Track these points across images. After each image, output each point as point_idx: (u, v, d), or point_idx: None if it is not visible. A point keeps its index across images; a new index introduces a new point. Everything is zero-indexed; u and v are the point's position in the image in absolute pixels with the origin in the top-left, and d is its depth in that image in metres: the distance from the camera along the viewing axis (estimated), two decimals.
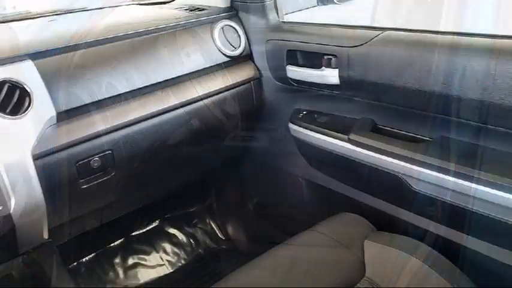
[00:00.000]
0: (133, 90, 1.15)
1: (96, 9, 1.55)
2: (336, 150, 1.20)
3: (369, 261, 1.01)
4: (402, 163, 1.04)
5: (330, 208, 1.28)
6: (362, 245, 1.05)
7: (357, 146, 1.13)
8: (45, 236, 1.13)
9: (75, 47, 1.11)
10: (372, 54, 1.06)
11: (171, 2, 1.57)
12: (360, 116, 1.20)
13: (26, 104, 0.99)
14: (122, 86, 1.13)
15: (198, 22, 1.32)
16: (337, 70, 1.15)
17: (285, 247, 1.09)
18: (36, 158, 0.99)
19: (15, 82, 0.99)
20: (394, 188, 1.10)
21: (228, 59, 1.33)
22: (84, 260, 1.67)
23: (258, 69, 1.39)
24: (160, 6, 1.53)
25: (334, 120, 1.25)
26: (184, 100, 1.23)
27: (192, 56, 1.27)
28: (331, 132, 1.21)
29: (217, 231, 1.92)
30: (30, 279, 1.10)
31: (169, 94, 1.22)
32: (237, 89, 1.35)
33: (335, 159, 1.22)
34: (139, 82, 1.16)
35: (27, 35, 1.24)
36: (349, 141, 1.15)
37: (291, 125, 1.34)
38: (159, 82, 1.20)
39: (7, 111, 0.97)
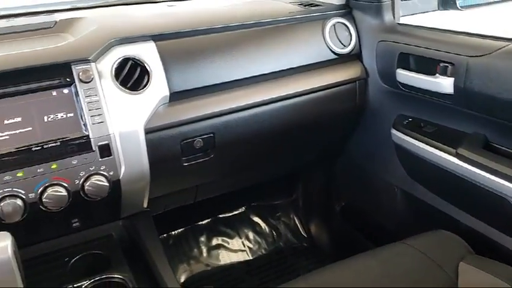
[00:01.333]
0: (241, 79, 1.19)
1: None
2: (440, 163, 1.14)
3: (462, 285, 0.95)
4: None
5: (424, 223, 1.22)
6: (457, 266, 0.98)
7: (465, 162, 1.06)
8: (145, 205, 1.22)
9: (193, 33, 1.17)
10: (494, 66, 0.99)
11: None
12: (471, 131, 1.12)
13: (145, 81, 1.07)
14: (231, 74, 1.18)
15: (310, 17, 1.32)
16: (452, 79, 1.08)
17: (371, 255, 1.06)
18: (147, 132, 1.06)
19: (138, 60, 1.07)
20: (501, 211, 1.02)
21: (336, 56, 1.32)
22: (173, 233, 1.77)
23: (365, 69, 1.36)
24: None
25: (442, 132, 1.18)
26: (287, 93, 1.24)
27: (300, 51, 1.28)
28: (438, 143, 1.14)
29: (299, 227, 1.92)
30: (127, 242, 1.20)
31: (274, 86, 1.24)
32: (341, 87, 1.33)
33: (438, 172, 1.15)
34: (247, 72, 1.20)
35: (150, 17, 1.33)
36: (457, 156, 1.08)
37: (393, 131, 1.30)
38: (266, 73, 1.22)
39: (127, 86, 1.05)
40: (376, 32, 1.31)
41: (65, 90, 0.98)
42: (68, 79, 0.98)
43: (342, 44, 1.33)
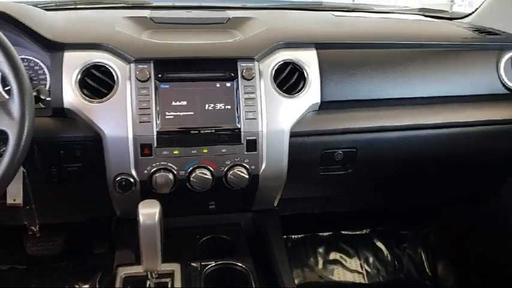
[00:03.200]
0: (397, 98, 1.15)
1: (381, 12, 1.59)
2: None
3: None
4: None
5: None
6: None
7: None
8: (275, 203, 1.25)
9: (355, 45, 1.17)
10: None
11: (461, 18, 1.49)
12: None
13: (300, 86, 1.10)
14: (387, 92, 1.15)
15: (485, 46, 1.23)
16: None
17: None
18: (292, 135, 1.09)
19: (297, 65, 1.11)
20: None
21: (507, 91, 1.20)
22: (293, 236, 1.80)
23: None
24: (448, 22, 1.46)
25: None
26: (444, 122, 1.17)
27: (467, 80, 1.19)
28: None
29: (425, 264, 1.80)
30: (253, 234, 1.24)
31: (431, 111, 1.17)
32: (507, 126, 1.21)
33: None
34: (405, 92, 1.16)
35: (314, 24, 1.35)
36: None
37: None
38: (424, 97, 1.17)
39: (283, 88, 1.09)
40: None
41: (228, 84, 1.05)
42: (232, 74, 1.05)
43: None
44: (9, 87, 0.84)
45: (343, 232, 1.83)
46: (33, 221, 1.09)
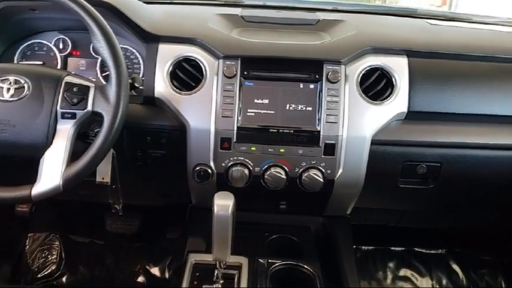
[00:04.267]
0: (489, 115, 1.09)
1: (481, 23, 1.48)
2: None
3: None
4: None
5: None
6: None
7: None
8: (348, 211, 1.23)
9: (450, 56, 1.11)
10: None
11: None
12: None
13: (387, 94, 1.07)
14: (480, 107, 1.09)
15: None
16: None
17: None
18: (373, 143, 1.06)
19: (386, 72, 1.07)
20: None
21: None
22: (363, 247, 1.74)
23: None
24: None
25: None
26: None
27: None
28: None
29: None
30: (322, 240, 1.23)
31: None
32: None
33: None
34: (499, 109, 1.09)
35: (407, 31, 1.29)
36: None
37: None
38: None
39: (369, 94, 1.06)
40: None
41: (311, 85, 1.05)
42: (317, 76, 1.04)
43: None
44: (107, 73, 0.90)
45: (416, 249, 1.75)
46: (117, 199, 1.16)
